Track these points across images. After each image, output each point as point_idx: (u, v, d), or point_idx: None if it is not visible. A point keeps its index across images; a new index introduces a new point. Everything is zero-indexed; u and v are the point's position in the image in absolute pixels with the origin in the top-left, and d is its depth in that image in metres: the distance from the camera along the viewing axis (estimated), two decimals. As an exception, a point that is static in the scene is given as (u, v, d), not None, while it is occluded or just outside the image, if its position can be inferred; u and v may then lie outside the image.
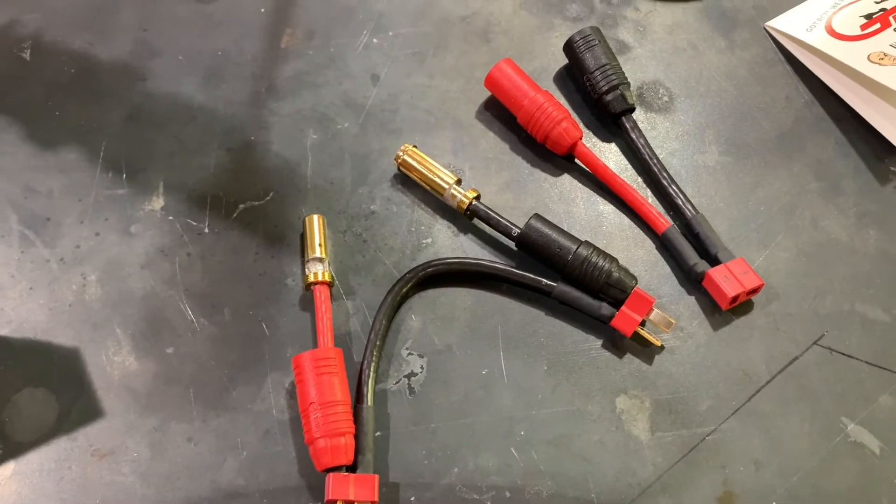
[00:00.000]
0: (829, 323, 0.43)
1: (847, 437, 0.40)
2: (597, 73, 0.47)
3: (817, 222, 0.46)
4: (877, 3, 0.51)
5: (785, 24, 0.52)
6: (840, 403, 0.41)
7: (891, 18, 0.49)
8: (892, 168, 0.47)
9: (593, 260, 0.42)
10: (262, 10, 0.52)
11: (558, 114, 0.46)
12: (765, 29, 0.53)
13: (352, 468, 0.38)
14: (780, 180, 0.47)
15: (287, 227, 0.45)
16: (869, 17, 0.50)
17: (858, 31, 0.49)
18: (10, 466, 0.39)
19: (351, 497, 0.37)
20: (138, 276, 0.43)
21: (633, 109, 0.48)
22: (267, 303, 0.43)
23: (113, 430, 0.40)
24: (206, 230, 0.45)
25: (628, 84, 0.48)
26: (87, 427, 0.40)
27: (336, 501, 0.37)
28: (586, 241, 0.42)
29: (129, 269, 0.44)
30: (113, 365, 0.41)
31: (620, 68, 0.48)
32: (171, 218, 0.45)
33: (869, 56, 0.48)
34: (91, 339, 0.42)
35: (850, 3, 0.51)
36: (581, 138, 0.46)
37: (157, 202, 0.46)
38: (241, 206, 0.46)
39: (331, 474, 0.37)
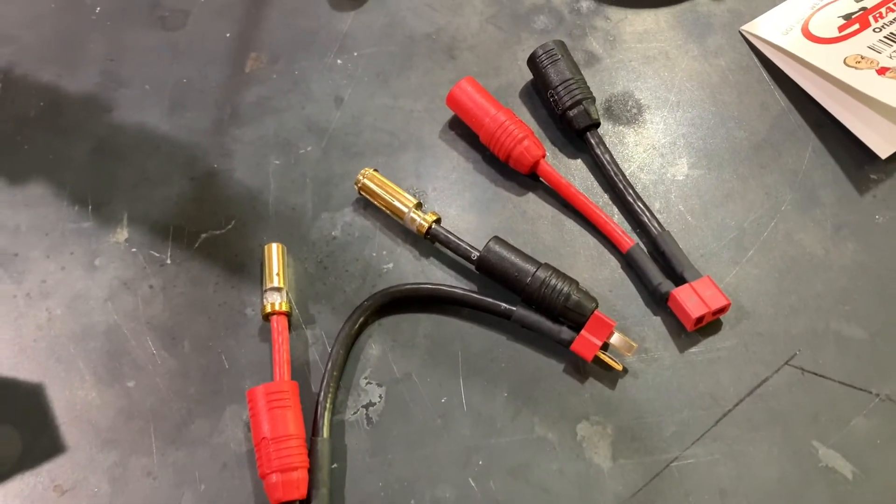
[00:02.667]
0: (801, 342, 0.41)
1: (818, 462, 0.39)
2: (560, 88, 0.46)
3: (791, 236, 0.44)
4: (857, 1, 0.49)
5: (761, 28, 0.50)
6: (811, 426, 0.39)
7: (870, 18, 0.47)
8: (872, 175, 0.45)
9: (552, 283, 0.41)
10: (228, 34, 0.52)
11: (519, 132, 0.45)
12: (740, 33, 0.51)
13: (306, 502, 0.38)
14: (753, 192, 0.45)
15: (248, 256, 0.45)
16: (848, 17, 0.48)
17: (836, 34, 0.47)
18: (-25, 504, 0.39)
19: (303, 532, 0.37)
20: (102, 309, 0.44)
21: (598, 125, 0.46)
22: (226, 334, 0.43)
23: (75, 465, 0.40)
24: (168, 261, 0.45)
25: (593, 99, 0.46)
26: (49, 462, 0.40)
27: (288, 537, 0.37)
28: (545, 264, 0.41)
29: (92, 303, 0.44)
30: (76, 399, 0.41)
31: (585, 82, 0.47)
32: (133, 250, 0.45)
33: (845, 59, 0.46)
34: (55, 374, 0.42)
35: (829, 4, 0.49)
36: (544, 156, 0.45)
37: (121, 234, 0.46)
38: (203, 235, 0.46)
39: (283, 509, 0.37)
